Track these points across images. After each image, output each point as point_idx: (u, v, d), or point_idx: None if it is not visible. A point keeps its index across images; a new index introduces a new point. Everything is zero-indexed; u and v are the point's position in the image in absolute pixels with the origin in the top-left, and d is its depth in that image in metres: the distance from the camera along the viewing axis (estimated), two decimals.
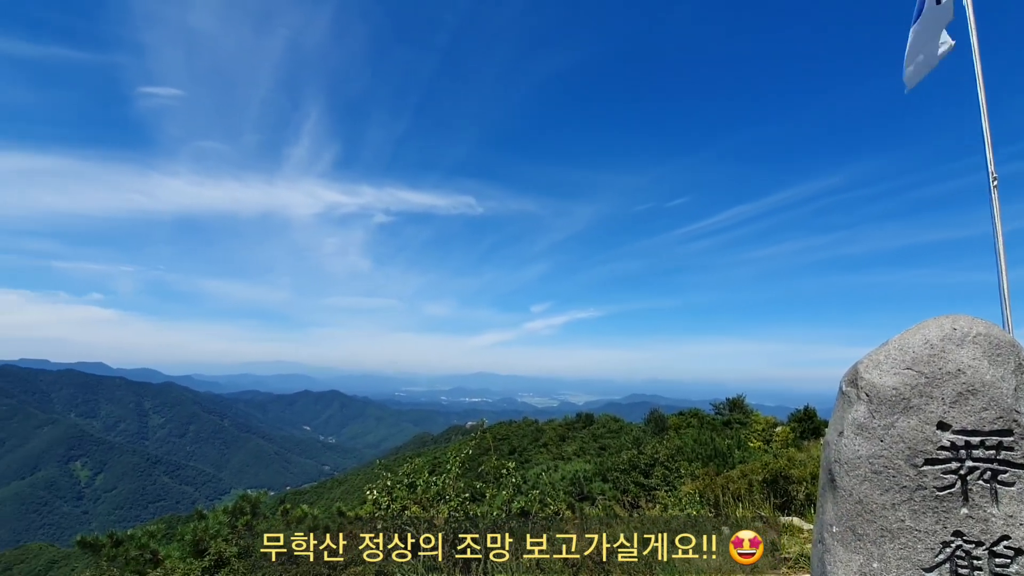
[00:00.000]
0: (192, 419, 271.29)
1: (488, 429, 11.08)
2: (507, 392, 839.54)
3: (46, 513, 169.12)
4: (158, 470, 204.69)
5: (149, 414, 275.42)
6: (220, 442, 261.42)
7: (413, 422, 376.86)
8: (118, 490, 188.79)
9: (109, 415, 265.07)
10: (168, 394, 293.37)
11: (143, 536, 9.12)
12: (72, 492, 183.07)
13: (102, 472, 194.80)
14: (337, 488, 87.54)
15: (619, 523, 9.20)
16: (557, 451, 41.57)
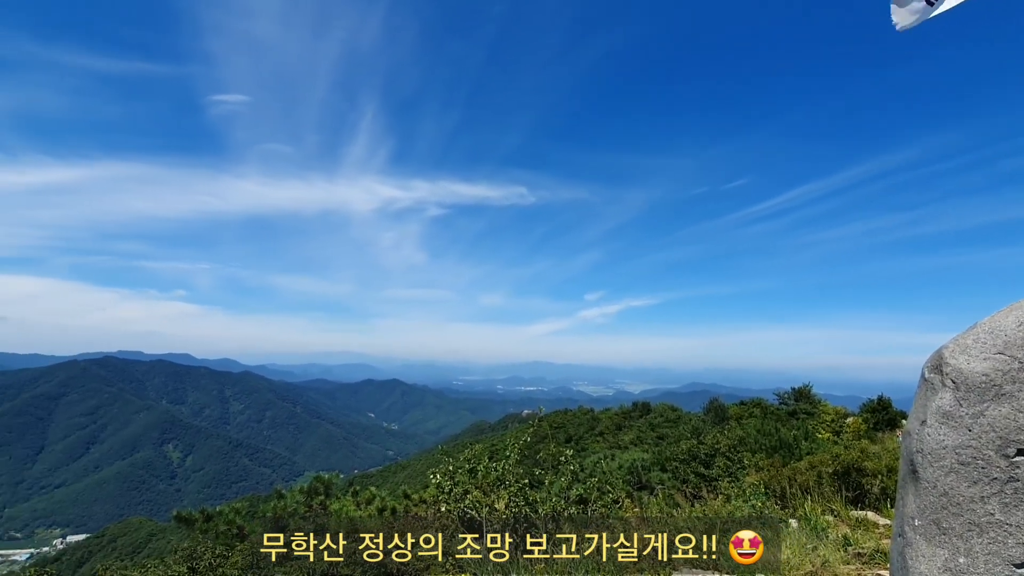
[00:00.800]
0: (268, 406, 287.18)
1: (544, 417, 11.07)
2: (562, 381, 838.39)
3: (144, 490, 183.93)
4: (239, 453, 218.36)
5: (230, 401, 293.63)
6: (293, 427, 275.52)
7: (470, 410, 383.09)
8: (205, 470, 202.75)
9: (195, 402, 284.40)
10: (246, 382, 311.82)
11: (230, 513, 9.81)
12: (166, 472, 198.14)
13: (191, 454, 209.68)
14: (401, 472, 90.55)
15: (680, 512, 9.03)
16: (614, 440, 41.18)
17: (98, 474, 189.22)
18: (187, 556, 5.62)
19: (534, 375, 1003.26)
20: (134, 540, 79.41)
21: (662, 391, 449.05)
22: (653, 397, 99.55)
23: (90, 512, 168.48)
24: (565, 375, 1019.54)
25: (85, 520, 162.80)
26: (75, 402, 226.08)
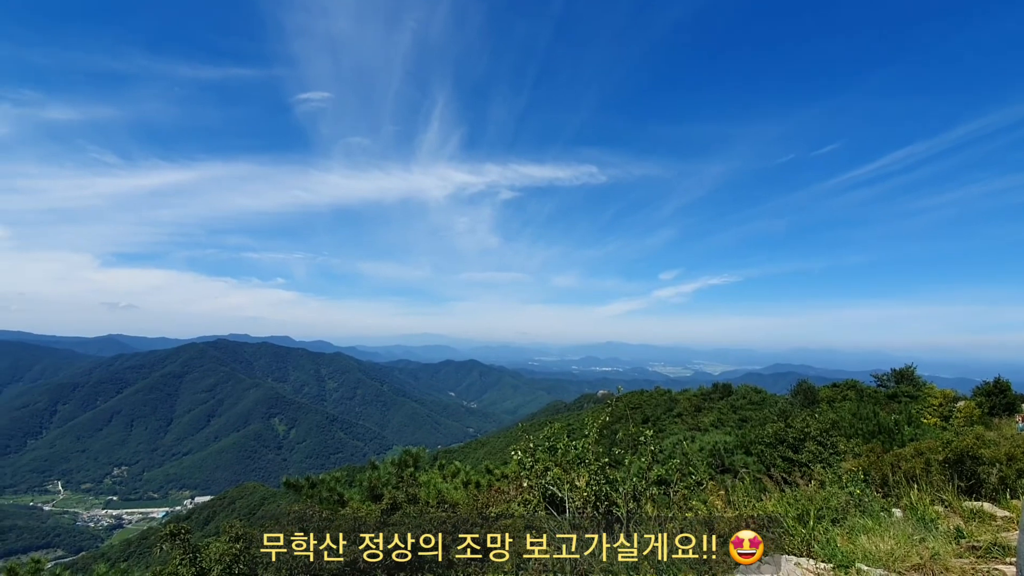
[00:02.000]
0: (358, 384, 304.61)
1: (622, 398, 10.85)
2: (637, 361, 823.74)
3: (256, 459, 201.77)
4: (335, 427, 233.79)
5: (325, 380, 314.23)
6: (381, 404, 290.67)
7: (546, 390, 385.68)
8: (307, 442, 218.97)
9: (296, 380, 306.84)
10: (339, 363, 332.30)
11: (331, 481, 10.53)
12: (273, 443, 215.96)
13: (294, 427, 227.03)
14: (480, 449, 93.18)
15: (767, 496, 8.60)
16: (693, 421, 39.95)
17: (217, 444, 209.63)
18: (298, 518, 6.09)
19: (609, 356, 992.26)
20: (249, 503, 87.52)
21: (744, 372, 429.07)
22: (734, 379, 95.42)
23: (213, 477, 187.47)
24: (640, 356, 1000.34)
25: (209, 484, 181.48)
26: (196, 380, 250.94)
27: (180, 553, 5.50)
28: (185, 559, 5.44)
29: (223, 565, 5.17)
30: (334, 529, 5.68)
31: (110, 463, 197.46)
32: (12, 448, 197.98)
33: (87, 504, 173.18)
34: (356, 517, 6.10)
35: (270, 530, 5.30)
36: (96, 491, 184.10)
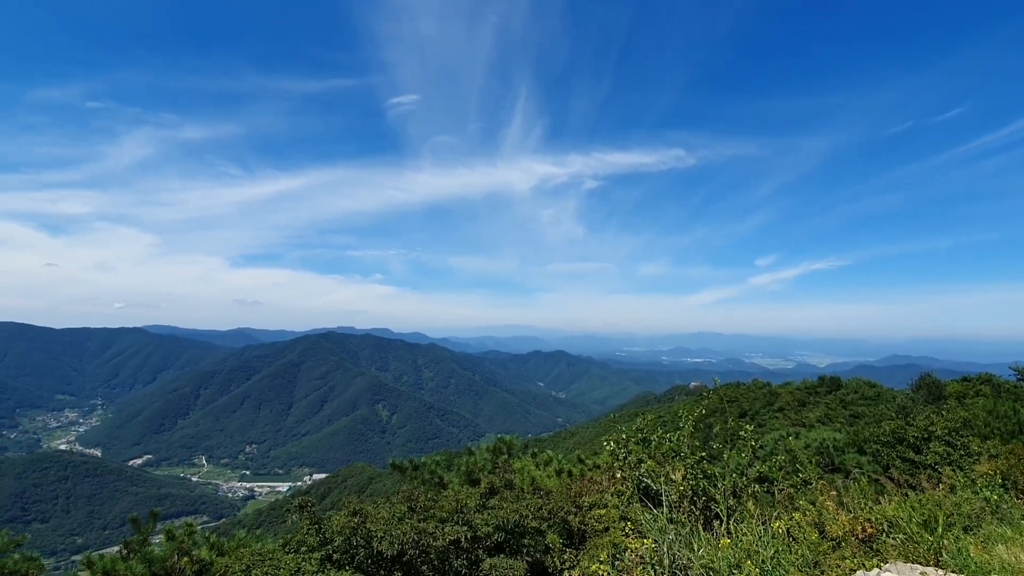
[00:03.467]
0: (452, 374, 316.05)
1: (717, 390, 10.37)
2: (732, 352, 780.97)
3: (363, 441, 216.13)
4: (432, 414, 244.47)
5: (422, 369, 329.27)
6: (473, 393, 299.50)
7: (634, 381, 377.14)
8: (407, 428, 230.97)
9: (396, 369, 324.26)
10: (433, 353, 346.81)
11: (432, 464, 11.08)
12: (378, 427, 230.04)
13: (396, 413, 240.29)
14: (570, 438, 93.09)
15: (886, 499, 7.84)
16: (796, 417, 37.21)
17: (330, 427, 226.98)
18: (406, 497, 6.47)
19: (700, 346, 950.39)
20: (359, 481, 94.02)
21: (854, 364, 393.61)
22: (843, 371, 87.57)
23: (327, 456, 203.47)
24: (735, 346, 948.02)
25: (324, 462, 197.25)
26: (311, 368, 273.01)
27: (307, 524, 6.05)
28: (312, 529, 5.98)
29: (344, 536, 5.62)
30: (439, 509, 5.98)
31: (243, 441, 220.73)
32: (166, 427, 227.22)
33: (226, 476, 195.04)
34: (458, 499, 6.36)
35: (382, 507, 5.71)
36: (232, 465, 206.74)
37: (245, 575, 5.53)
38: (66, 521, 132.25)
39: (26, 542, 10.62)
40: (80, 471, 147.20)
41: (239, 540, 10.40)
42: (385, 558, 5.37)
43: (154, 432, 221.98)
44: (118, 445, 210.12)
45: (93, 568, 10.52)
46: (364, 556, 5.52)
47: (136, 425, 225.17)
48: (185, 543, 10.27)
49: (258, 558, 6.00)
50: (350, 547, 5.56)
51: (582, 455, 12.76)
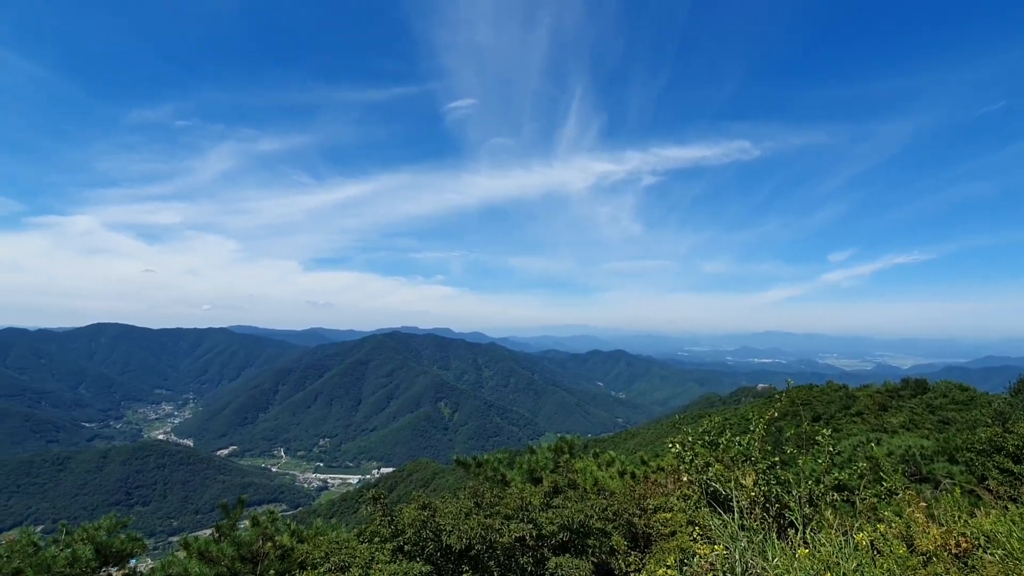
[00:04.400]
0: (511, 373, 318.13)
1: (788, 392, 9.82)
2: (803, 353, 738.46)
3: (427, 438, 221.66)
4: (492, 412, 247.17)
5: (482, 368, 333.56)
6: (532, 392, 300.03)
7: (698, 381, 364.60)
8: (468, 425, 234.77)
9: (457, 368, 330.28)
10: (493, 352, 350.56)
11: (494, 461, 11.21)
12: (440, 424, 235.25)
13: (457, 411, 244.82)
14: (631, 439, 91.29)
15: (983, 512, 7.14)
16: (877, 422, 34.63)
17: (396, 423, 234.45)
18: (472, 493, 6.58)
19: (768, 346, 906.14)
20: (424, 475, 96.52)
21: (942, 366, 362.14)
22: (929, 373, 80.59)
23: (393, 451, 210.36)
24: (806, 346, 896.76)
25: (390, 457, 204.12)
26: (377, 367, 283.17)
27: (380, 515, 6.29)
28: (384, 521, 6.21)
29: (414, 529, 5.79)
30: (503, 506, 6.04)
31: (316, 435, 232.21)
32: (249, 420, 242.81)
33: (301, 468, 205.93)
34: (522, 497, 6.39)
35: (450, 502, 5.85)
36: (307, 457, 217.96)
37: (324, 562, 5.81)
38: (164, 505, 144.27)
39: (131, 523, 11.69)
40: (175, 459, 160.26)
41: (316, 528, 10.95)
42: (453, 552, 5.50)
43: (239, 425, 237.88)
44: (208, 436, 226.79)
45: (189, 549, 11.39)
46: (433, 549, 5.68)
47: (223, 418, 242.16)
48: (268, 529, 10.94)
49: (335, 546, 6.31)
50: (420, 539, 5.73)
51: (645, 457, 12.48)
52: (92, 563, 10.62)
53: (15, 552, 10.30)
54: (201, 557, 10.43)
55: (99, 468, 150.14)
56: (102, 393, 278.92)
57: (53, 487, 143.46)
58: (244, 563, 10.55)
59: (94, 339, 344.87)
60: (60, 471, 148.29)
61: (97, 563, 10.72)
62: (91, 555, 10.48)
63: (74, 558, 10.29)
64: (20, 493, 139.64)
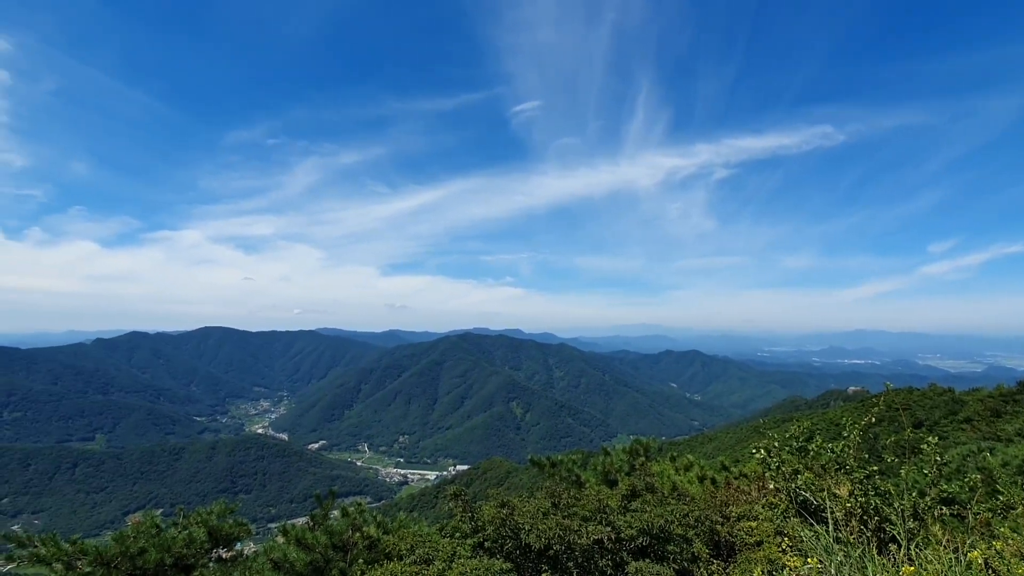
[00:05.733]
0: (582, 374, 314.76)
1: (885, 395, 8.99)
2: (900, 353, 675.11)
3: (499, 437, 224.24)
4: (563, 413, 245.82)
5: (552, 369, 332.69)
6: (604, 393, 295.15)
7: (780, 384, 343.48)
8: (540, 425, 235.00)
9: (528, 368, 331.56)
10: (563, 353, 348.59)
11: (568, 462, 11.15)
12: (512, 424, 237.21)
13: (529, 411, 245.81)
14: (708, 443, 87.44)
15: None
16: (989, 429, 30.94)
17: (470, 422, 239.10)
18: (550, 493, 6.58)
19: (859, 346, 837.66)
20: (497, 474, 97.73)
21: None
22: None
23: (468, 449, 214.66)
24: (904, 346, 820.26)
25: (465, 455, 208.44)
26: (451, 367, 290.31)
27: (461, 511, 6.46)
28: (465, 517, 6.36)
29: (494, 526, 5.89)
30: (580, 507, 6.00)
31: (396, 432, 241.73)
32: (335, 416, 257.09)
33: (383, 463, 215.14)
34: (599, 499, 6.31)
35: (527, 501, 5.90)
36: (388, 453, 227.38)
37: (409, 554, 6.04)
38: (263, 494, 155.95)
39: (237, 509, 12.75)
40: (272, 452, 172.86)
41: (400, 521, 11.40)
42: (532, 550, 5.53)
43: (327, 421, 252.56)
44: (300, 431, 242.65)
45: (287, 535, 12.22)
46: (512, 547, 5.74)
47: (313, 414, 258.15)
48: (357, 520, 11.52)
49: (419, 539, 6.54)
50: (500, 537, 5.81)
51: (725, 462, 11.91)
52: (205, 544, 11.67)
53: (141, 533, 11.53)
54: (298, 543, 11.17)
55: (208, 458, 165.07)
56: (210, 390, 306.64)
57: (171, 474, 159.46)
58: (336, 551, 11.17)
59: (203, 341, 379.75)
60: (176, 460, 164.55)
61: (209, 544, 11.77)
62: (204, 537, 11.53)
63: (190, 539, 11.36)
64: (143, 479, 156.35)
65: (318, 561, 10.60)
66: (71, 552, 11.16)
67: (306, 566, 10.46)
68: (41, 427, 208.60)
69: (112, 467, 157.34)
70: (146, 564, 11.07)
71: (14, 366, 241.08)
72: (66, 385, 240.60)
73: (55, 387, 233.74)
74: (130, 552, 10.97)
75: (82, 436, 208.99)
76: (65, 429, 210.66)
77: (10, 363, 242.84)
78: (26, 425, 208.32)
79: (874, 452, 9.01)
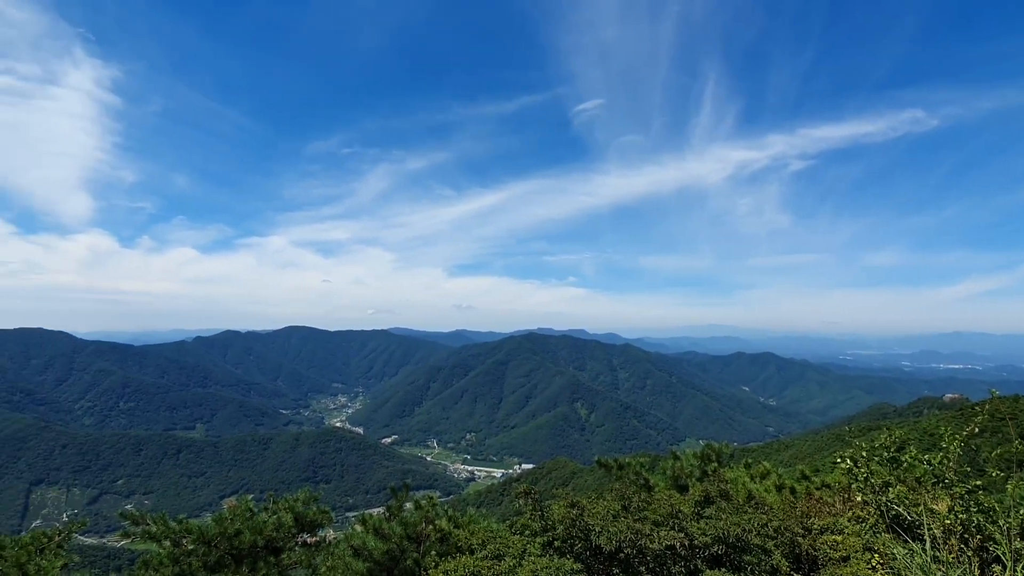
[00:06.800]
0: (648, 375, 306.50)
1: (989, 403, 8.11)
2: (1005, 357, 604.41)
3: (564, 437, 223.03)
4: (628, 414, 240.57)
5: (617, 370, 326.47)
6: (671, 396, 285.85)
7: (865, 389, 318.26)
8: (605, 427, 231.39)
9: (592, 369, 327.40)
10: (628, 354, 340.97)
11: (636, 465, 10.93)
12: (577, 425, 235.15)
13: (594, 412, 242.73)
14: (785, 451, 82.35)
15: None
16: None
17: (534, 421, 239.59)
18: (620, 495, 6.50)
19: (957, 349, 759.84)
20: (562, 474, 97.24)
21: None
22: None
23: (532, 448, 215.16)
24: (1010, 349, 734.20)
25: (530, 454, 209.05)
26: (516, 367, 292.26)
27: (531, 509, 6.51)
28: (535, 515, 6.41)
29: (564, 526, 5.90)
30: (652, 511, 5.87)
31: (463, 429, 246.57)
32: (406, 412, 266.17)
33: (451, 459, 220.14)
34: (671, 503, 6.15)
35: (597, 502, 5.86)
36: (456, 450, 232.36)
37: (481, 548, 6.17)
38: (341, 484, 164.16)
39: (320, 498, 13.56)
40: (349, 444, 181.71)
41: (470, 517, 11.66)
42: (603, 552, 5.48)
43: (398, 416, 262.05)
44: (374, 425, 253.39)
45: (366, 524, 12.83)
46: (582, 547, 5.71)
47: (386, 410, 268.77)
48: (429, 513, 11.89)
49: (490, 535, 6.66)
50: (569, 537, 5.81)
51: (806, 471, 11.21)
52: (292, 529, 12.49)
53: (236, 515, 12.53)
54: (375, 533, 11.70)
55: (292, 449, 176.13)
56: (294, 385, 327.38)
57: (260, 462, 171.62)
58: (410, 542, 11.59)
59: (287, 339, 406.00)
60: (264, 450, 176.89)
61: (296, 529, 12.60)
62: (291, 522, 12.35)
63: (279, 524, 12.21)
64: (236, 466, 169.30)
65: (394, 551, 11.06)
66: (178, 531, 12.33)
67: (383, 555, 10.95)
68: (151, 416, 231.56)
69: (210, 454, 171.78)
70: (241, 545, 12.02)
71: (128, 361, 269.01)
72: (171, 379, 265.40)
73: (162, 380, 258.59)
74: (227, 533, 11.96)
75: (185, 425, 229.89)
76: (171, 418, 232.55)
77: (125, 359, 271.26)
78: (138, 414, 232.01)
79: (975, 465, 8.20)
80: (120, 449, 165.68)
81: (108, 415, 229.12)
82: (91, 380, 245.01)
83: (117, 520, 10.90)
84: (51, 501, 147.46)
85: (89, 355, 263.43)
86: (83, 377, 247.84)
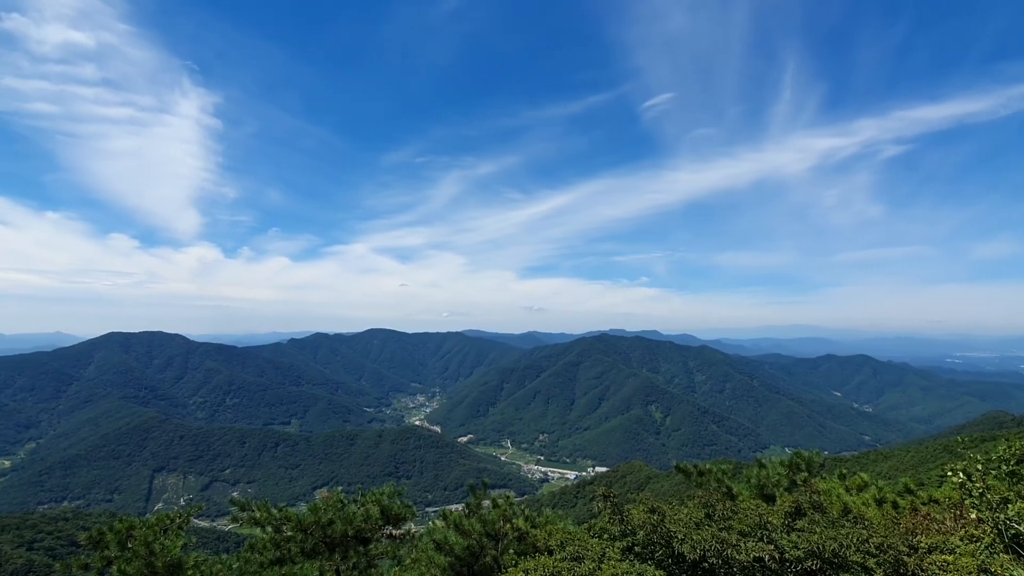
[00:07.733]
0: (727, 378, 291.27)
1: None
2: None
3: (638, 440, 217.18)
4: (707, 419, 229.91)
5: (693, 372, 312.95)
6: (752, 400, 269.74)
7: (978, 396, 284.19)
8: (681, 431, 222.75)
9: (666, 371, 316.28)
10: (705, 355, 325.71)
11: (718, 472, 10.47)
12: (651, 428, 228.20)
13: (669, 415, 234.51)
14: (883, 462, 75.19)
15: None
16: None
17: (608, 424, 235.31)
18: (704, 503, 6.28)
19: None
20: (637, 478, 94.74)
21: None
22: None
23: (606, 451, 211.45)
24: None
25: (604, 456, 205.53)
26: (588, 368, 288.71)
27: (610, 513, 6.46)
28: (614, 519, 6.35)
29: (645, 531, 5.80)
30: (738, 521, 5.61)
31: (536, 430, 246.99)
32: (480, 412, 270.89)
33: (525, 459, 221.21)
34: (760, 513, 5.86)
35: (679, 509, 5.69)
36: (529, 450, 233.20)
37: (560, 549, 6.20)
38: (421, 480, 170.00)
39: (404, 492, 14.18)
40: (428, 442, 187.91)
41: (547, 517, 11.70)
42: (686, 561, 5.33)
43: (473, 416, 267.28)
44: (451, 424, 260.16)
45: (447, 520, 13.24)
46: (663, 555, 5.58)
47: (461, 409, 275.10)
48: (507, 512, 12.07)
49: (568, 536, 6.68)
50: (650, 543, 5.69)
51: (910, 484, 10.21)
52: (379, 521, 13.17)
53: (329, 506, 13.40)
54: (456, 528, 12.05)
55: (376, 445, 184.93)
56: (376, 384, 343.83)
57: (347, 457, 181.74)
58: (488, 539, 11.83)
59: (369, 341, 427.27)
60: (351, 445, 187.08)
61: (382, 522, 13.27)
62: (378, 515, 13.03)
63: (367, 516, 12.92)
64: (326, 460, 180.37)
65: (474, 547, 11.36)
66: (278, 518, 13.40)
67: (464, 550, 11.28)
68: (252, 411, 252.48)
69: (303, 448, 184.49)
70: (333, 533, 12.85)
71: (233, 362, 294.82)
72: (269, 377, 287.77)
73: (261, 379, 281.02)
74: (322, 522, 12.84)
75: (281, 420, 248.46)
76: (269, 414, 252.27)
77: (230, 359, 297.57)
78: (242, 410, 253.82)
79: None
80: (227, 441, 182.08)
81: (217, 410, 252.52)
82: (203, 378, 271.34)
83: (227, 506, 12.04)
84: (171, 486, 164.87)
85: (201, 355, 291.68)
86: (196, 375, 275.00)
